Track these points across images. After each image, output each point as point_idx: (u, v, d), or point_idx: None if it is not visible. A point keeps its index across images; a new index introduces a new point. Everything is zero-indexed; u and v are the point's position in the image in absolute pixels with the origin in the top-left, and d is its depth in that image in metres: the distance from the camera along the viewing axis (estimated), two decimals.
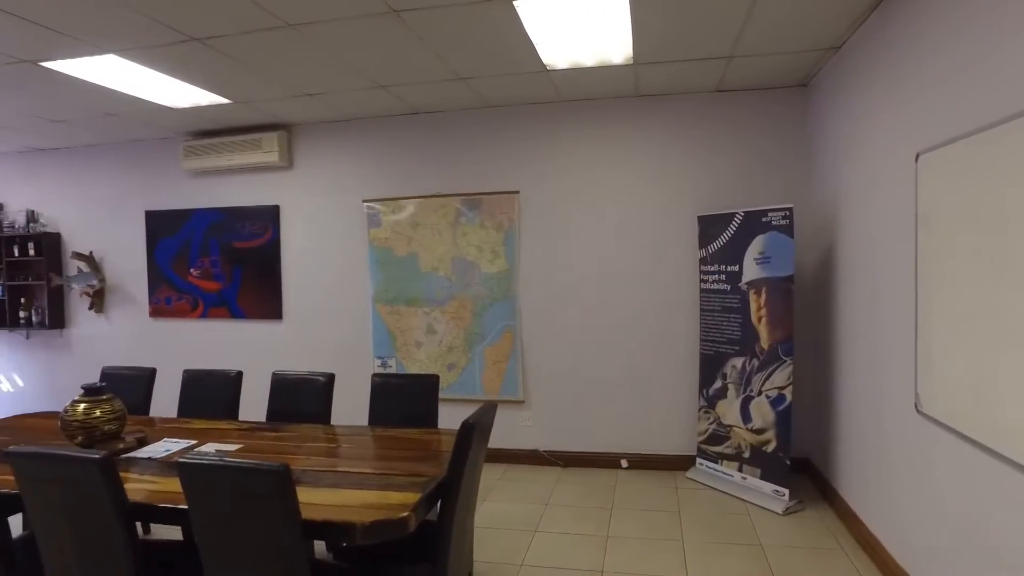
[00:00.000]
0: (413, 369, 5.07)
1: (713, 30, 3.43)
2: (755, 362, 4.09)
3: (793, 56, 3.84)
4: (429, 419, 3.25)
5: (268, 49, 3.54)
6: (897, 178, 2.91)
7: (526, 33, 3.42)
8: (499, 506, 4.12)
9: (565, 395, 4.91)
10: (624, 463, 4.80)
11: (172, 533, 3.28)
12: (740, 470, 4.18)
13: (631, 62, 3.92)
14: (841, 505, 3.75)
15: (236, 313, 5.58)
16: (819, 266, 4.25)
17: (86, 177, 6.07)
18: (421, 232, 5.03)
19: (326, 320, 5.37)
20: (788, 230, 3.90)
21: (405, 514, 2.09)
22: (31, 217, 6.17)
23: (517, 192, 4.89)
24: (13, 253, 6.09)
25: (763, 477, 4.03)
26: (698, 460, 4.54)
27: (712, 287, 4.41)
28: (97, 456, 2.12)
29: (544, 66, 3.97)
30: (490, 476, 4.60)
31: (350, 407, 4.18)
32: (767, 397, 3.99)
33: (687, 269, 4.66)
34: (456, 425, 3.20)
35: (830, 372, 4.03)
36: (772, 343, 3.98)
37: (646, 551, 3.43)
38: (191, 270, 5.69)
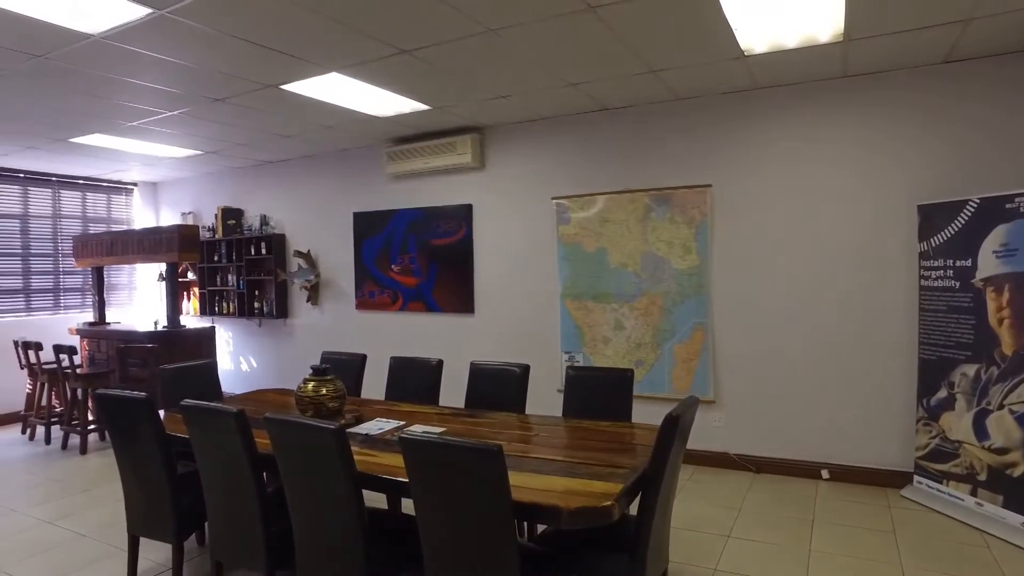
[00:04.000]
0: (600, 365, 5.07)
1: None
2: (994, 370, 3.56)
3: None
4: (623, 413, 3.24)
5: (468, 55, 3.74)
6: None
7: (725, 18, 3.28)
8: (689, 507, 3.99)
9: (759, 397, 4.64)
10: (825, 474, 4.42)
11: (373, 502, 3.60)
12: (974, 494, 3.66)
13: (840, 39, 3.60)
14: None
15: (432, 306, 5.99)
16: None
17: (304, 184, 6.88)
18: (610, 228, 5.03)
19: (515, 314, 5.57)
20: None
21: (609, 503, 2.10)
22: (263, 221, 7.13)
23: (709, 186, 4.71)
24: (250, 252, 7.07)
25: (1007, 506, 3.48)
26: (916, 478, 4.06)
27: (935, 284, 3.91)
28: (332, 426, 2.38)
29: (742, 52, 3.78)
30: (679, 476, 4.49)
31: (538, 399, 4.29)
32: (1011, 411, 3.45)
33: (903, 264, 4.18)
34: (645, 421, 3.19)
35: None
36: (1018, 349, 3.44)
37: (857, 572, 3.13)
38: (392, 266, 6.21)
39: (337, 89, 4.33)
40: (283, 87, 4.25)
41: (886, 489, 4.19)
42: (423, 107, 4.84)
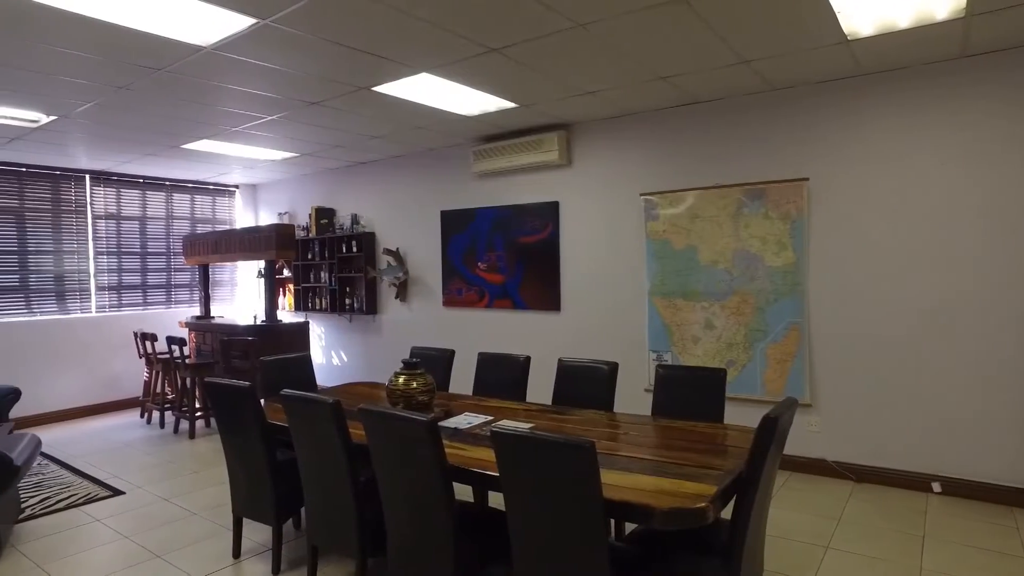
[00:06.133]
0: (689, 364, 4.93)
1: None
2: None
3: None
4: (714, 413, 3.14)
5: (557, 51, 3.73)
6: None
7: (827, 0, 3.10)
8: (784, 514, 3.82)
9: (861, 401, 4.37)
10: (936, 486, 4.11)
11: (459, 495, 3.65)
12: None
13: (962, 14, 3.32)
14: None
15: (518, 304, 6.02)
16: None
17: (393, 183, 7.07)
18: (700, 224, 4.89)
19: (602, 312, 5.51)
20: None
21: (703, 504, 2.04)
22: (354, 220, 7.39)
23: (806, 179, 4.48)
24: (342, 250, 7.35)
25: None
26: None
27: None
28: (425, 418, 2.42)
29: (844, 36, 3.57)
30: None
31: (625, 398, 4.23)
32: None
33: None
34: (735, 422, 3.08)
35: None
36: None
37: None
38: (479, 264, 6.28)
39: (426, 89, 4.41)
40: (374, 89, 4.38)
41: (1012, 508, 3.85)
42: (510, 105, 4.86)
